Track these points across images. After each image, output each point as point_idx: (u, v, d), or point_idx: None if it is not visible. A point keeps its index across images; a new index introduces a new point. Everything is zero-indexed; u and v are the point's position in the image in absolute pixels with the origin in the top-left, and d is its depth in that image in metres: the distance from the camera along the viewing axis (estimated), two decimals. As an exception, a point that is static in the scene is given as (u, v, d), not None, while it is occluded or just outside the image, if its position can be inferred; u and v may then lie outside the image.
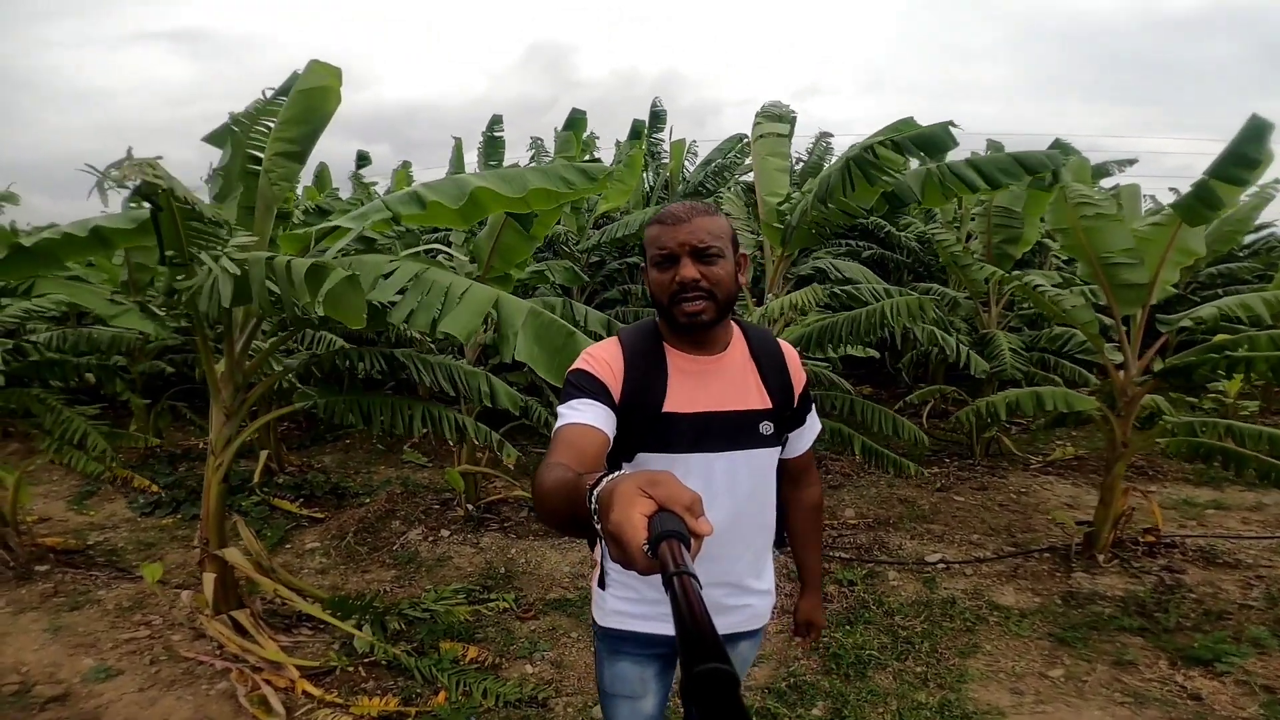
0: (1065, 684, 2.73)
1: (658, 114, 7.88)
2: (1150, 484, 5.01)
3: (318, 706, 2.58)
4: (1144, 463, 5.35)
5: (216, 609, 2.90)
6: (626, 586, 1.40)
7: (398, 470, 5.81)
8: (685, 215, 1.27)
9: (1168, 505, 4.55)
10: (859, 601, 3.39)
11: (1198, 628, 3.05)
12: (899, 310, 3.17)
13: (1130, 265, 3.34)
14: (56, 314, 4.92)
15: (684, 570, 0.58)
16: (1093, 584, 3.47)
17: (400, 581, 3.77)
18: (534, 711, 2.63)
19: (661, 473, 0.69)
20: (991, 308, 5.48)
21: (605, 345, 1.36)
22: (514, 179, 2.97)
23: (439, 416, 3.00)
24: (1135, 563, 3.64)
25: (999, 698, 2.66)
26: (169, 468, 5.57)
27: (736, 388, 1.34)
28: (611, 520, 0.65)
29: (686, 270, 1.24)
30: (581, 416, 1.20)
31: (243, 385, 2.91)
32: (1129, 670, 2.80)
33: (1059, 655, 2.93)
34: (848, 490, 5.01)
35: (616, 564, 0.65)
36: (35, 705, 2.63)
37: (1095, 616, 3.19)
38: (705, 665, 0.50)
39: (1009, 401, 3.63)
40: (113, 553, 4.14)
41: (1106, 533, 3.64)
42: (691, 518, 0.65)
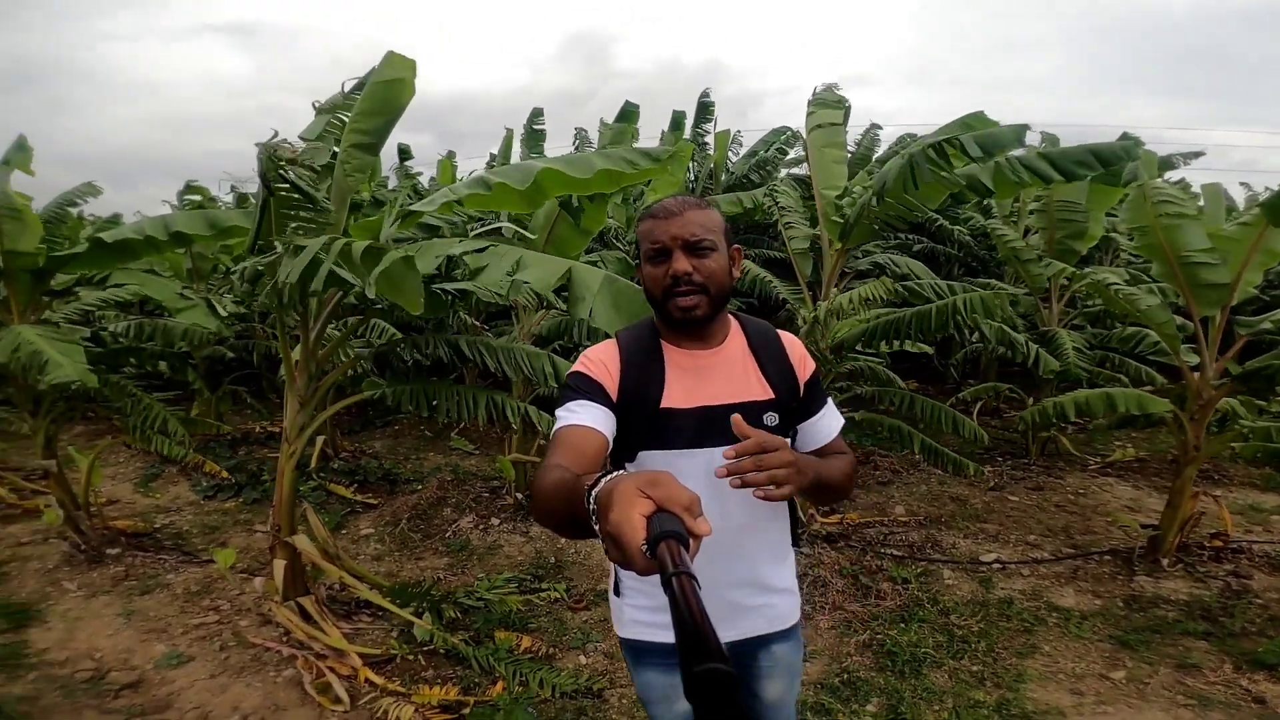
0: (1127, 685, 2.69)
1: (705, 105, 7.78)
2: (1215, 488, 4.83)
3: (380, 695, 2.63)
4: (1209, 466, 5.17)
5: (285, 595, 2.99)
6: (642, 594, 1.38)
7: (446, 457, 5.91)
8: (677, 209, 1.26)
9: (1233, 510, 4.39)
10: (913, 599, 3.35)
11: (1263, 632, 2.98)
12: (973, 305, 3.08)
13: (1211, 265, 3.21)
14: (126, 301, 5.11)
15: (682, 570, 0.58)
16: (1156, 587, 3.39)
17: (453, 569, 3.84)
18: (589, 703, 2.66)
19: (660, 473, 0.69)
20: (1054, 304, 5.32)
21: (602, 346, 1.36)
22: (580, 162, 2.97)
23: (502, 404, 3.04)
24: (1200, 567, 3.55)
25: (1059, 698, 2.62)
26: (229, 451, 5.76)
27: (736, 380, 1.33)
28: (610, 521, 0.65)
29: (679, 264, 1.23)
30: (578, 418, 1.20)
31: (316, 374, 2.99)
32: (1192, 673, 2.75)
33: (1120, 657, 2.88)
34: (897, 487, 4.94)
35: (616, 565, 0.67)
36: (110, 692, 2.72)
37: (1158, 620, 3.13)
38: (703, 665, 0.50)
39: (1078, 402, 3.53)
40: (179, 536, 4.30)
41: (1172, 536, 3.54)
42: (690, 518, 0.64)
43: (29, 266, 3.27)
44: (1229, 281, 3.27)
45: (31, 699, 2.67)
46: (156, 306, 5.21)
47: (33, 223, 3.18)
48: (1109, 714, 2.52)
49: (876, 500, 4.70)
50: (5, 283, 3.26)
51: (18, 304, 3.35)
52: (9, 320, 3.31)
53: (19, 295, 3.34)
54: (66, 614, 3.32)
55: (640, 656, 1.42)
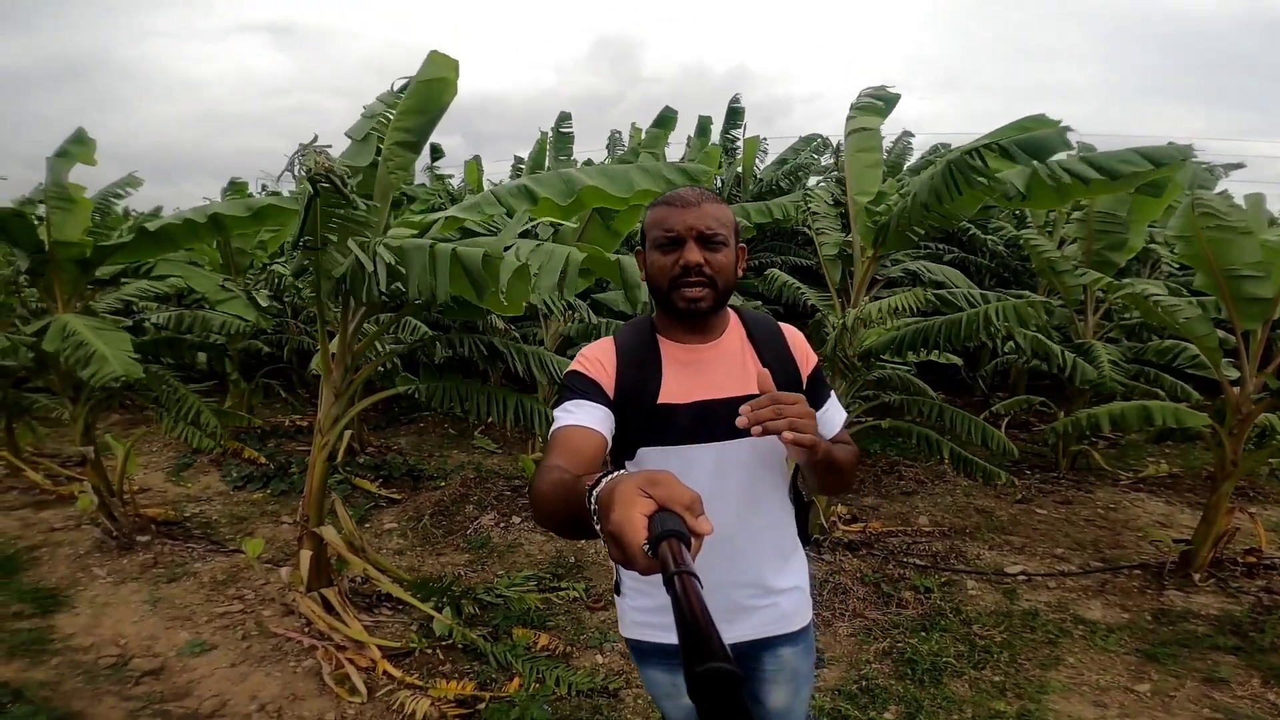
0: (1152, 699, 2.65)
1: (735, 110, 7.79)
2: (1251, 505, 4.70)
3: (398, 687, 2.66)
4: (1245, 483, 5.02)
5: (309, 586, 3.04)
6: (642, 594, 1.37)
7: (469, 455, 5.97)
8: (695, 200, 1.25)
9: (1269, 527, 4.27)
10: (935, 609, 3.30)
11: None
12: (1005, 314, 3.03)
13: (1256, 278, 3.13)
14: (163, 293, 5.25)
15: (684, 569, 0.58)
16: (1186, 602, 3.32)
17: (473, 566, 3.87)
18: (605, 702, 2.66)
19: (661, 472, 0.68)
20: (1089, 316, 5.22)
21: (598, 344, 1.35)
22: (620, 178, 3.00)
23: (530, 407, 3.07)
24: (1233, 583, 3.47)
25: (1081, 710, 2.58)
26: (259, 444, 5.87)
27: (734, 374, 1.30)
28: (612, 521, 0.65)
29: (691, 254, 1.22)
30: (576, 418, 1.19)
31: (351, 367, 3.05)
32: (1220, 687, 2.70)
33: (1146, 670, 2.83)
34: (921, 498, 4.88)
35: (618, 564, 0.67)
36: (132, 678, 2.78)
37: (1187, 634, 3.06)
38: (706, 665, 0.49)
39: (1113, 414, 3.46)
40: (208, 525, 4.39)
41: (1205, 551, 3.46)
42: (691, 517, 0.64)
43: (75, 256, 3.38)
44: (1272, 296, 3.19)
45: (53, 684, 2.72)
46: (194, 300, 5.35)
47: (82, 214, 3.29)
48: None
49: (900, 510, 4.64)
50: (52, 271, 3.37)
51: (63, 293, 3.46)
52: (53, 309, 3.42)
53: (64, 284, 3.45)
54: (94, 600, 3.40)
55: (643, 656, 1.42)
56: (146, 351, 3.81)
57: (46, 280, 3.38)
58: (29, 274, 3.43)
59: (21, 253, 3.28)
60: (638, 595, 1.37)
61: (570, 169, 2.90)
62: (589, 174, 2.77)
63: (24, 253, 3.26)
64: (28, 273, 3.41)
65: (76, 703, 2.61)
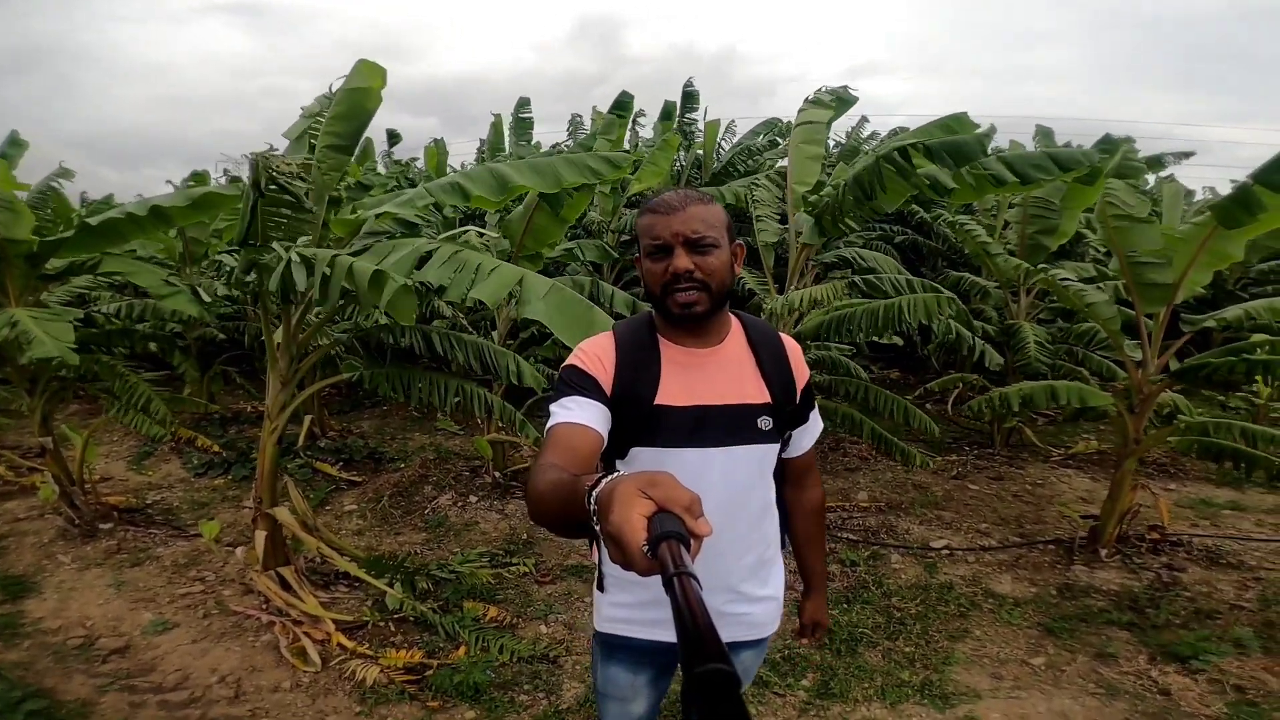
0: (1044, 672, 2.83)
1: (690, 94, 7.96)
2: (1171, 482, 5.00)
3: (350, 657, 2.83)
4: (1166, 460, 5.33)
5: (265, 565, 3.18)
6: (625, 591, 1.37)
7: (431, 437, 6.09)
8: (679, 204, 1.22)
9: (1185, 504, 4.54)
10: (859, 582, 3.53)
11: (1186, 625, 3.10)
12: (915, 307, 3.24)
13: (1156, 265, 3.35)
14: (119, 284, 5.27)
15: (684, 571, 0.58)
16: (1090, 577, 3.54)
17: (430, 544, 4.03)
18: (545, 667, 2.85)
19: (660, 473, 0.68)
20: (1021, 298, 5.46)
21: (598, 339, 1.33)
22: (547, 171, 3.14)
23: (470, 393, 3.21)
24: (1138, 559, 3.68)
25: (979, 681, 2.77)
26: (220, 430, 5.94)
27: (733, 380, 1.30)
28: (611, 521, 0.65)
29: (680, 261, 1.21)
30: (573, 415, 1.18)
31: (297, 355, 3.17)
32: (1108, 662, 2.87)
33: (1044, 644, 3.02)
34: (863, 474, 5.11)
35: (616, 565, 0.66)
36: (99, 657, 2.91)
37: (1087, 609, 3.26)
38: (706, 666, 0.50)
39: (1023, 393, 3.69)
40: (169, 511, 4.49)
41: (1111, 527, 3.70)
42: (691, 518, 0.64)
43: (24, 253, 3.43)
44: (1173, 282, 3.41)
45: (26, 664, 2.85)
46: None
47: (24, 211, 3.34)
48: (1021, 699, 2.65)
49: (842, 486, 4.87)
50: (3, 268, 3.42)
51: (14, 288, 3.51)
52: (6, 304, 3.48)
53: (15, 280, 3.50)
54: (60, 585, 3.51)
55: (611, 652, 1.43)
56: (99, 342, 3.88)
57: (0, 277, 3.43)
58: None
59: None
60: (620, 592, 1.37)
61: (501, 164, 3.02)
62: (518, 170, 2.91)
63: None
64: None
65: (48, 680, 2.73)
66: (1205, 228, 3.42)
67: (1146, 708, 2.59)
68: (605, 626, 1.41)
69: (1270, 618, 3.09)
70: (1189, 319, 3.60)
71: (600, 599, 1.41)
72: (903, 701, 2.65)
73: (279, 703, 2.60)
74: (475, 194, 2.69)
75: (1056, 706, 2.60)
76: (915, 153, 3.45)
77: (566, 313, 2.37)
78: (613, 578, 1.39)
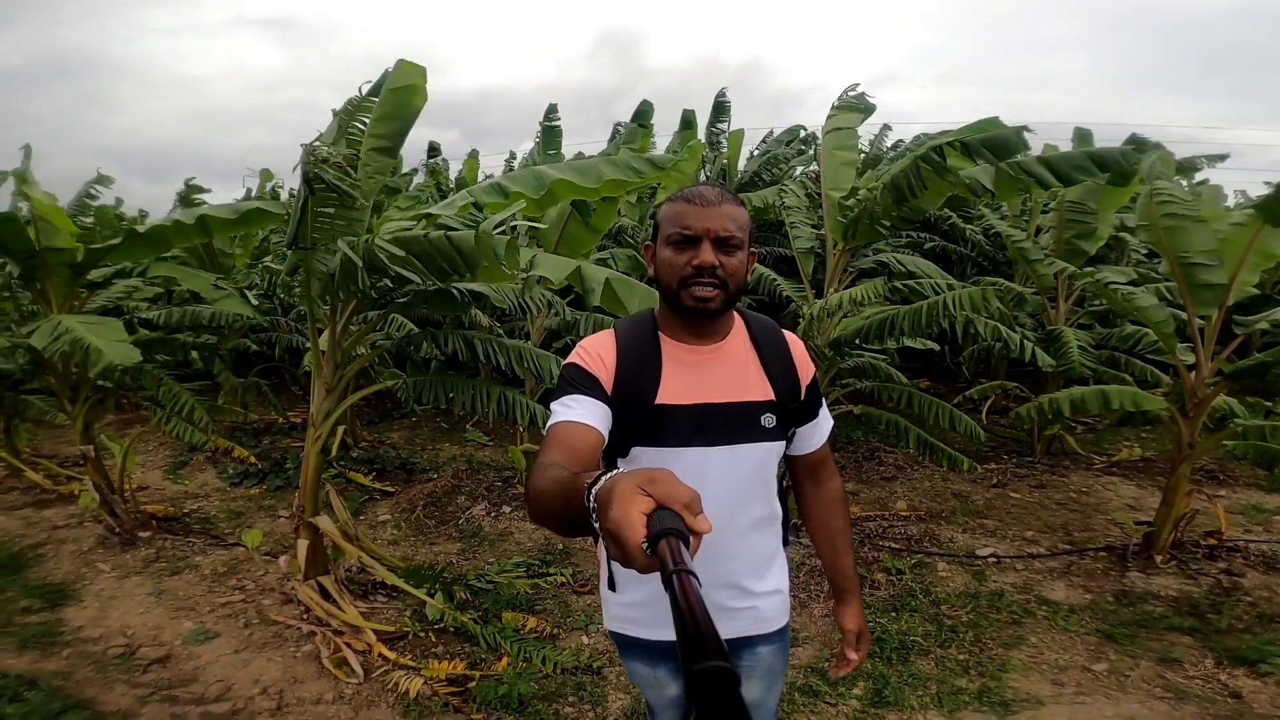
0: (1108, 678, 2.76)
1: (721, 105, 8.04)
2: (1220, 488, 4.86)
3: (393, 669, 2.80)
4: (1215, 466, 5.18)
5: (306, 575, 3.16)
6: (632, 590, 1.36)
7: (461, 448, 6.09)
8: (715, 200, 1.22)
9: (1235, 510, 4.42)
10: (906, 590, 3.45)
11: (1249, 630, 3.02)
12: (961, 302, 3.17)
13: (1208, 266, 3.27)
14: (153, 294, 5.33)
15: (683, 568, 0.58)
16: (1147, 584, 3.45)
17: (465, 554, 4.01)
18: (589, 679, 2.80)
19: (660, 470, 0.68)
20: (1060, 304, 5.36)
21: (599, 337, 1.32)
22: (589, 171, 3.14)
23: (512, 401, 3.19)
24: (1194, 565, 3.59)
25: (1039, 688, 2.71)
26: (254, 441, 5.98)
27: (736, 378, 1.29)
28: (610, 519, 0.65)
29: (706, 255, 1.20)
30: (573, 414, 1.17)
31: (341, 363, 3.17)
32: (1173, 667, 2.81)
33: (1104, 650, 2.95)
34: (900, 483, 5.03)
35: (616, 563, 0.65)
36: (140, 666, 2.90)
37: (1146, 615, 3.19)
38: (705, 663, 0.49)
39: (1074, 399, 3.60)
40: (206, 521, 4.51)
41: (1166, 534, 3.59)
42: (690, 515, 0.64)
43: (67, 261, 3.47)
44: (1225, 282, 3.32)
45: (66, 674, 2.84)
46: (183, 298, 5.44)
47: (62, 220, 3.39)
48: (1086, 704, 2.59)
49: (879, 495, 4.79)
50: (44, 275, 3.46)
51: (57, 296, 3.56)
52: (47, 312, 3.52)
53: (58, 288, 3.55)
54: (100, 593, 3.52)
55: (626, 649, 1.44)
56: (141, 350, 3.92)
57: (40, 284, 3.47)
58: (20, 279, 3.52)
59: (12, 258, 3.37)
60: (628, 591, 1.37)
61: (543, 166, 3.02)
62: (559, 169, 2.92)
63: (15, 257, 3.36)
64: (19, 278, 3.51)
65: (88, 690, 2.72)
66: (1252, 226, 3.34)
67: (1218, 710, 2.52)
68: (614, 626, 1.42)
69: (1336, 623, 2.98)
70: (1241, 320, 3.51)
71: (609, 598, 1.41)
72: (960, 709, 2.59)
73: (322, 715, 2.57)
74: (514, 191, 2.68)
75: (1125, 711, 2.53)
76: (952, 151, 3.41)
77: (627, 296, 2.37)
78: (624, 576, 1.38)
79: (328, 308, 2.99)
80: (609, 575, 1.41)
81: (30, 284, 3.54)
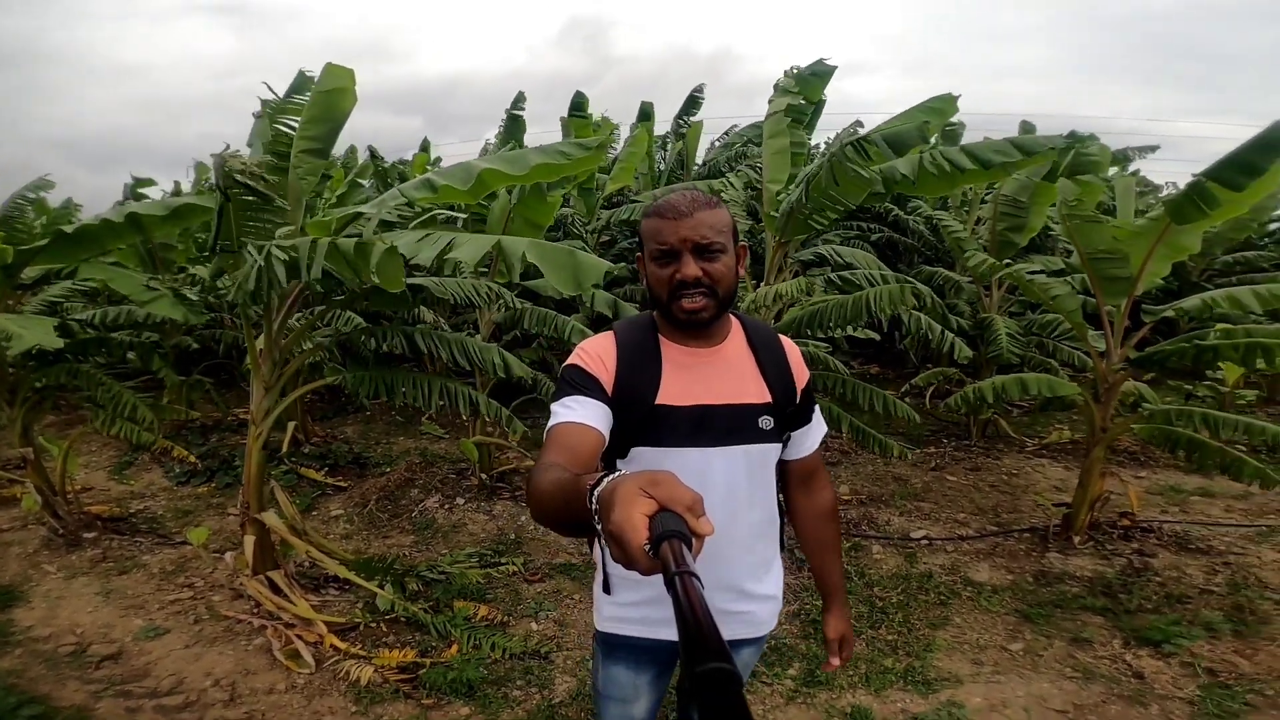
0: (1023, 657, 2.92)
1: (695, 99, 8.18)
2: (1141, 470, 5.14)
3: (344, 658, 2.85)
4: (1137, 449, 5.48)
5: (255, 570, 3.19)
6: (631, 590, 1.38)
7: (416, 441, 6.10)
8: (687, 209, 1.22)
9: (1155, 491, 4.68)
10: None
11: (1157, 609, 3.19)
12: (881, 298, 3.34)
13: (1113, 260, 3.48)
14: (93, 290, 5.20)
15: (686, 570, 0.58)
16: (1064, 564, 3.64)
17: (418, 546, 4.06)
18: (537, 664, 2.90)
19: (662, 472, 0.69)
20: (993, 293, 5.61)
21: (598, 339, 1.34)
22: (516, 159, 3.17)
23: (455, 391, 3.24)
24: (1109, 545, 3.78)
25: (960, 667, 2.86)
26: (201, 438, 5.90)
27: (734, 380, 1.32)
28: (612, 521, 0.65)
29: (688, 268, 1.21)
30: (574, 415, 1.19)
31: (280, 361, 3.19)
32: (1084, 647, 2.96)
33: (1022, 630, 3.11)
34: (844, 467, 5.22)
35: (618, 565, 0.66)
36: (91, 663, 2.91)
37: (1062, 595, 3.36)
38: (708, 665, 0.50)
39: (996, 386, 3.80)
40: (154, 520, 4.46)
41: (1083, 515, 3.82)
42: (692, 518, 0.65)
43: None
44: (1130, 275, 3.54)
45: (19, 672, 2.84)
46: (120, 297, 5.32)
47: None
48: (1001, 683, 2.74)
49: (823, 480, 4.96)
50: (-26, 278, 3.39)
51: (-12, 298, 3.49)
52: (-18, 313, 3.44)
53: (-11, 290, 3.48)
54: (48, 594, 3.49)
55: (612, 652, 1.45)
56: (76, 351, 3.85)
57: (-30, 287, 3.40)
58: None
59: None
60: (626, 592, 1.39)
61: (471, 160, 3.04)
62: (487, 160, 2.95)
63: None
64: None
65: (42, 687, 2.73)
66: (1160, 223, 3.56)
67: (1122, 690, 2.68)
68: (607, 626, 1.43)
69: (1239, 601, 3.19)
70: (1149, 309, 3.74)
71: (603, 599, 1.42)
72: (887, 688, 2.74)
73: (275, 704, 2.62)
74: (442, 185, 2.72)
75: (1035, 690, 2.69)
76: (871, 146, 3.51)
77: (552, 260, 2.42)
78: (619, 578, 1.39)
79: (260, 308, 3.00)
80: (604, 577, 1.42)
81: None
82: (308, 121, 2.84)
